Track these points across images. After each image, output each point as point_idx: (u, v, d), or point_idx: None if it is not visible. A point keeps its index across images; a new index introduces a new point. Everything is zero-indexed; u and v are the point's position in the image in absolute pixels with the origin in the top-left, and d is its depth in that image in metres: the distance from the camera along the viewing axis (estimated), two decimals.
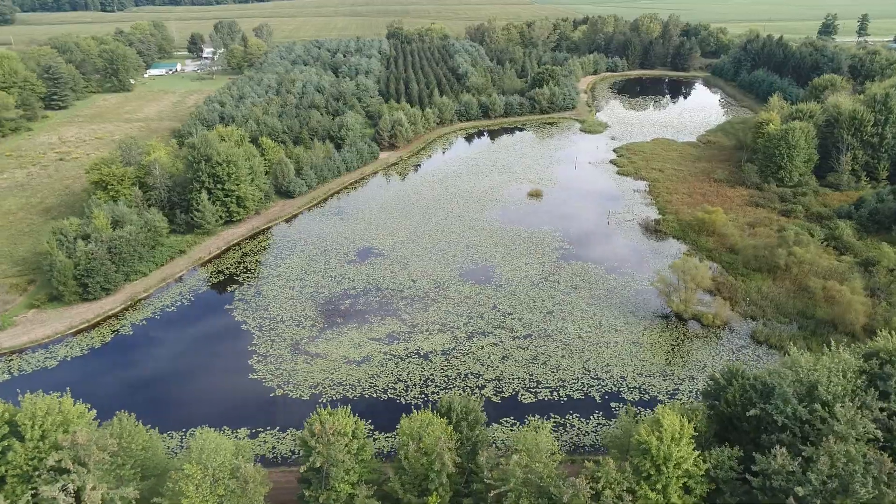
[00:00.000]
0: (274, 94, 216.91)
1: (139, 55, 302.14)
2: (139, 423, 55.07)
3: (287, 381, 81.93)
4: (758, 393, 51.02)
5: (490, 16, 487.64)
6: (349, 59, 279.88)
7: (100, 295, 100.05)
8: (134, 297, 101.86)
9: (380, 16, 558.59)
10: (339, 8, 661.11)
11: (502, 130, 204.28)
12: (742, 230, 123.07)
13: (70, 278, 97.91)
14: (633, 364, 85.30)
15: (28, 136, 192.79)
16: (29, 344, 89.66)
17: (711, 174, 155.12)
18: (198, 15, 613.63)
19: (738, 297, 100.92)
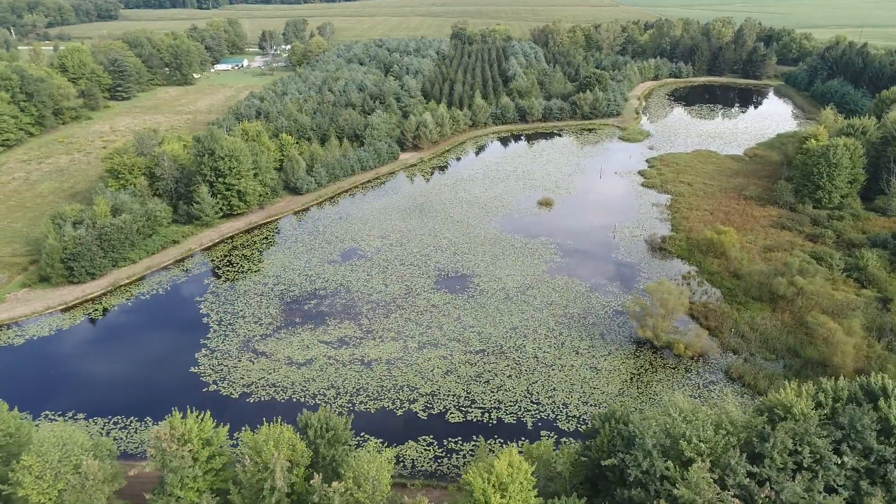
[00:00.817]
0: (316, 91, 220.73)
1: (208, 51, 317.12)
2: (12, 410, 56.05)
3: (223, 378, 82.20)
4: (623, 441, 45.56)
5: (570, 17, 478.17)
6: (402, 59, 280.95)
7: (84, 279, 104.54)
8: (116, 283, 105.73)
9: (454, 16, 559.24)
10: (417, 8, 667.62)
11: (536, 135, 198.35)
12: (756, 254, 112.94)
13: (57, 261, 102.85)
14: (581, 391, 79.62)
15: (86, 124, 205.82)
16: (7, 321, 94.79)
17: (744, 191, 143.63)
18: (282, 13, 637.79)
19: (724, 326, 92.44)
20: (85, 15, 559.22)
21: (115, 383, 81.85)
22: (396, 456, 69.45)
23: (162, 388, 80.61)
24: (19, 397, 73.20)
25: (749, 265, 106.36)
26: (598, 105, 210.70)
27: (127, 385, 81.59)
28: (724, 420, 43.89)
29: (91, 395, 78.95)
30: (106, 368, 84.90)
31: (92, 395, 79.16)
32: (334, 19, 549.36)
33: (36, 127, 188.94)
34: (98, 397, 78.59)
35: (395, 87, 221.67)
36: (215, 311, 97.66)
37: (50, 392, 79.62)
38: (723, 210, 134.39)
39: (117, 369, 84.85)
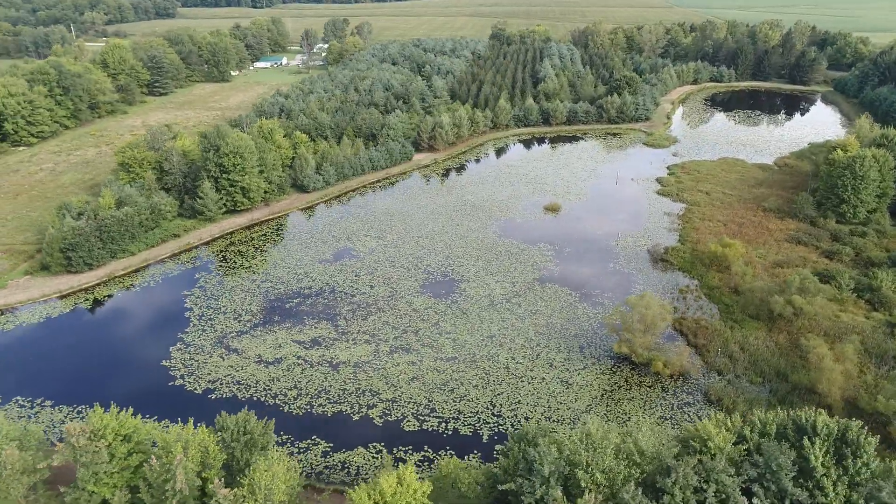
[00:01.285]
0: (342, 90, 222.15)
1: (248, 49, 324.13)
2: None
3: (191, 373, 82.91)
4: (525, 464, 43.11)
5: (619, 19, 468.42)
6: (435, 59, 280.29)
7: (82, 269, 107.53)
8: (112, 274, 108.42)
9: (501, 17, 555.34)
10: (465, 8, 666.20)
11: (558, 139, 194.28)
12: (763, 270, 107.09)
13: (56, 251, 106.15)
14: (546, 405, 76.78)
15: (120, 118, 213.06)
16: (3, 307, 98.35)
17: (764, 202, 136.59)
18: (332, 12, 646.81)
19: (712, 345, 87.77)
20: (144, 13, 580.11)
21: (87, 372, 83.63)
22: (343, 462, 68.48)
23: (130, 379, 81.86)
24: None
25: (750, 281, 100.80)
26: (625, 109, 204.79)
27: (98, 375, 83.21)
28: (631, 449, 40.93)
29: (62, 384, 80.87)
30: (82, 358, 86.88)
31: (63, 383, 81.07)
32: (381, 19, 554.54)
33: (71, 120, 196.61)
34: (68, 386, 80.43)
35: (422, 88, 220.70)
36: (198, 306, 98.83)
37: (24, 379, 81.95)
38: (737, 221, 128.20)
39: (93, 359, 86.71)
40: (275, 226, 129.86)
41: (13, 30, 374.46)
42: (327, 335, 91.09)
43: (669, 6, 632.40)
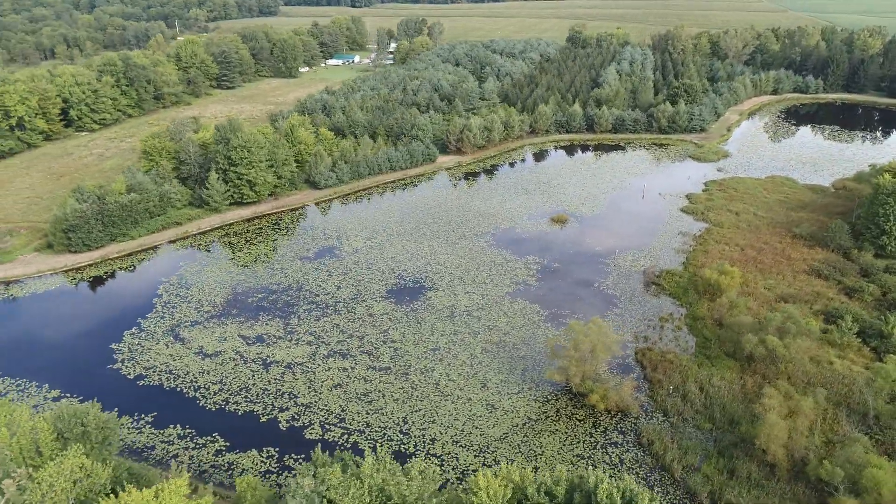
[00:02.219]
0: (390, 89, 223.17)
1: (324, 46, 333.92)
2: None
3: (132, 358, 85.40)
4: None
5: (723, 23, 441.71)
6: (498, 61, 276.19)
7: (81, 249, 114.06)
8: (106, 256, 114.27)
9: (596, 19, 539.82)
10: (561, 10, 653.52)
11: (598, 147, 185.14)
12: (764, 303, 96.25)
13: (59, 230, 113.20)
14: (460, 428, 72.49)
15: (182, 109, 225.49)
16: (5, 279, 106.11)
17: (798, 226, 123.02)
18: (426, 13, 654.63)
19: (668, 381, 79.65)
20: (247, 11, 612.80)
21: (39, 348, 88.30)
22: (230, 463, 67.82)
23: (74, 359, 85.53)
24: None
25: (739, 314, 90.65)
26: (677, 119, 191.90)
27: (49, 351, 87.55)
28: (392, 493, 37.02)
29: (11, 357, 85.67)
30: (41, 333, 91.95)
31: (13, 356, 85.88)
32: (474, 20, 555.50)
33: (135, 109, 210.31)
34: (16, 359, 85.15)
35: (471, 89, 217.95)
36: (168, 293, 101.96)
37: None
38: (756, 247, 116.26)
39: (50, 335, 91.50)
40: (274, 220, 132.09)
41: (123, 24, 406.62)
42: (274, 333, 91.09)
43: (784, 9, 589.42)
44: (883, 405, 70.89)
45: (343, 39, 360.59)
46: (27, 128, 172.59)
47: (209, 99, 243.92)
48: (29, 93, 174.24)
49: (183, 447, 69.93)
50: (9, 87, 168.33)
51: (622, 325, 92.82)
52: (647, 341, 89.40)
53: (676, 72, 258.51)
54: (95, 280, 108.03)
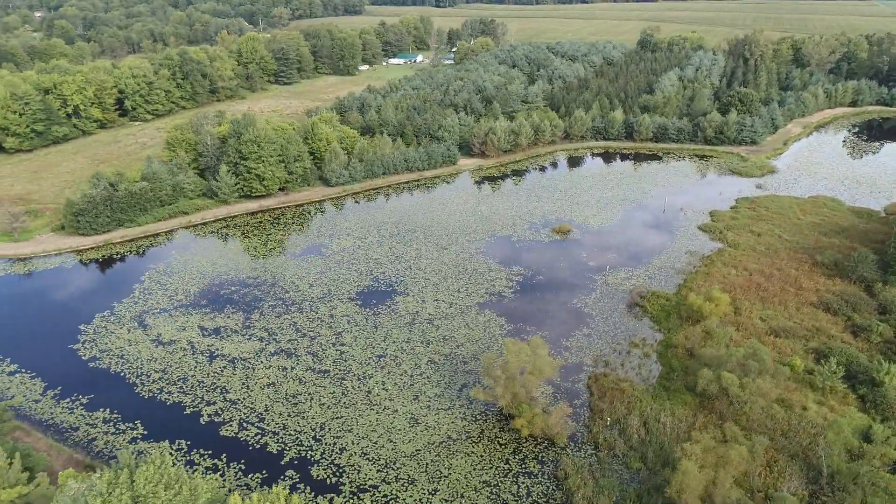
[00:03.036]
0: (433, 89, 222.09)
1: (388, 45, 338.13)
2: None
3: (92, 340, 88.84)
4: None
5: (826, 27, 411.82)
6: (554, 63, 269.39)
7: (89, 232, 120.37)
8: (108, 241, 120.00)
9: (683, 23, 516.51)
10: (645, 12, 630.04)
11: (634, 156, 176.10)
12: (751, 335, 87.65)
13: (70, 214, 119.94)
14: (374, 441, 70.21)
15: (235, 102, 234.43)
16: (20, 255, 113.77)
17: (822, 253, 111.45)
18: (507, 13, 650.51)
19: (611, 412, 73.86)
20: (332, 10, 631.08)
21: (14, 323, 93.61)
22: (140, 452, 68.84)
23: (41, 337, 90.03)
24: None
25: (714, 345, 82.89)
26: (725, 129, 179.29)
27: (22, 327, 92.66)
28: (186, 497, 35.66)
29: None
30: (21, 309, 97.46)
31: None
32: (554, 21, 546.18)
33: (189, 101, 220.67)
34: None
35: (518, 91, 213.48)
36: (151, 280, 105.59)
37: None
38: (767, 272, 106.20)
39: (29, 312, 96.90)
40: (277, 215, 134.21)
41: (208, 20, 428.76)
42: (232, 326, 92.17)
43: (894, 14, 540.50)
44: (840, 463, 62.33)
45: (410, 39, 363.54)
46: (83, 116, 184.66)
47: (264, 94, 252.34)
48: (87, 83, 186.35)
49: (103, 431, 71.83)
50: (67, 78, 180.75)
51: (586, 347, 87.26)
52: (607, 366, 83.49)
53: (745, 79, 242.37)
54: (92, 262, 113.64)
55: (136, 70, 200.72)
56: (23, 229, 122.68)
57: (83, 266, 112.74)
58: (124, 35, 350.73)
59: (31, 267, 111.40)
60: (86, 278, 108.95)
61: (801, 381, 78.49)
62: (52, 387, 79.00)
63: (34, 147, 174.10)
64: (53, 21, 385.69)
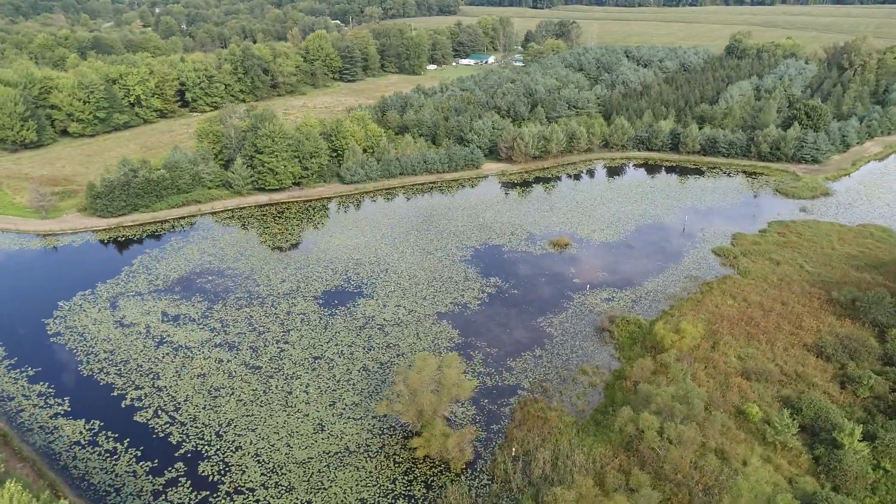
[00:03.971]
0: (483, 91, 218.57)
1: (460, 46, 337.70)
2: None
3: (64, 317, 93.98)
4: None
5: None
6: (620, 68, 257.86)
7: (106, 215, 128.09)
8: (120, 224, 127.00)
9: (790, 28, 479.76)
10: (757, 16, 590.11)
11: (674, 169, 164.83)
12: (715, 375, 79.17)
13: (90, 196, 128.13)
14: (273, 443, 69.36)
15: (295, 98, 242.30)
16: (47, 231, 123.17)
17: (841, 290, 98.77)
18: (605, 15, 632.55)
19: (522, 442, 68.87)
20: (426, 10, 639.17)
21: (1, 297, 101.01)
22: (55, 428, 71.79)
23: (19, 310, 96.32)
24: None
25: (657, 382, 75.37)
26: (782, 145, 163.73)
27: (8, 301, 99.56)
28: None
29: None
30: (11, 282, 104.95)
31: None
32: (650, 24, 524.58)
33: (248, 95, 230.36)
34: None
35: (571, 96, 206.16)
36: (140, 264, 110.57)
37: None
38: (769, 306, 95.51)
39: (17, 284, 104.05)
40: (283, 209, 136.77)
41: (299, 18, 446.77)
42: (192, 315, 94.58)
43: None
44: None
45: (487, 40, 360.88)
46: (143, 105, 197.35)
47: (325, 90, 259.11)
48: (150, 75, 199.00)
49: (33, 404, 75.68)
50: (132, 69, 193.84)
51: (531, 369, 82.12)
52: (544, 392, 78.06)
53: (831, 91, 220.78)
54: (98, 243, 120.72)
55: (198, 64, 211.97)
56: (53, 208, 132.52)
57: (90, 245, 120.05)
58: (217, 31, 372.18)
59: (46, 243, 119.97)
60: (85, 257, 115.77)
61: (753, 431, 69.75)
62: (10, 356, 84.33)
63: (97, 133, 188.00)
64: (160, 17, 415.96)
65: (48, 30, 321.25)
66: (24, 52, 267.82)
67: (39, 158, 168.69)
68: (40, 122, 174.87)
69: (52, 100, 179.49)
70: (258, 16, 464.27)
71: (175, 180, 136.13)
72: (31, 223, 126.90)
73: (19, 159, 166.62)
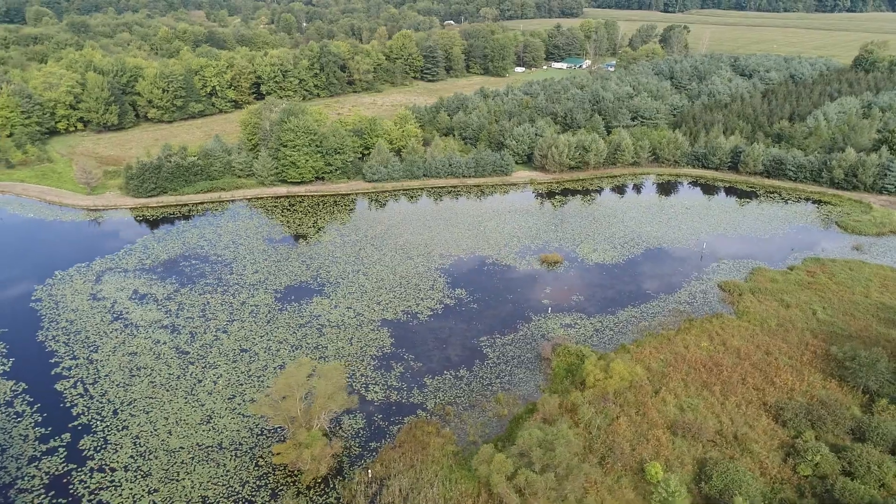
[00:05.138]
0: (546, 96, 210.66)
1: (556, 49, 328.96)
2: None
3: (52, 285, 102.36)
4: None
5: None
6: (709, 80, 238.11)
7: (137, 195, 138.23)
8: (146, 205, 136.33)
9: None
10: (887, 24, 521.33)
11: (723, 190, 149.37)
12: (637, 425, 70.72)
13: (126, 177, 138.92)
14: (149, 429, 71.04)
15: (370, 95, 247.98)
16: (79, 205, 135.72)
17: (842, 346, 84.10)
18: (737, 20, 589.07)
19: (386, 467, 65.36)
20: (546, 11, 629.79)
21: (11, 258, 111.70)
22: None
23: (20, 275, 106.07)
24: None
25: (579, 421, 68.25)
26: (860, 172, 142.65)
27: (14, 262, 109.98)
28: None
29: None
30: (27, 248, 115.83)
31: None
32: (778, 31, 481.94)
33: (323, 90, 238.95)
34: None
35: (641, 105, 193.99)
36: (142, 244, 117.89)
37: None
38: (746, 354, 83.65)
39: (29, 251, 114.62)
40: (296, 202, 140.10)
41: (412, 17, 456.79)
42: (159, 295, 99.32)
43: None
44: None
45: (588, 43, 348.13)
46: (219, 96, 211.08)
47: (402, 88, 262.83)
48: (229, 67, 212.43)
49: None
50: (211, 62, 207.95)
51: (445, 389, 77.84)
52: (443, 417, 73.53)
53: None
54: (121, 220, 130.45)
55: (275, 59, 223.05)
56: (102, 185, 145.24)
57: (117, 222, 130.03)
58: (327, 29, 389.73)
59: (84, 217, 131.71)
60: (100, 232, 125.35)
61: (643, 493, 61.23)
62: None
63: (174, 119, 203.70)
64: (281, 14, 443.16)
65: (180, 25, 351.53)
66: (147, 43, 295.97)
67: (116, 140, 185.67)
68: (123, 107, 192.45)
69: (138, 87, 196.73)
70: (374, 14, 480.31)
71: (206, 167, 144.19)
72: (77, 198, 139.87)
73: (99, 140, 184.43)
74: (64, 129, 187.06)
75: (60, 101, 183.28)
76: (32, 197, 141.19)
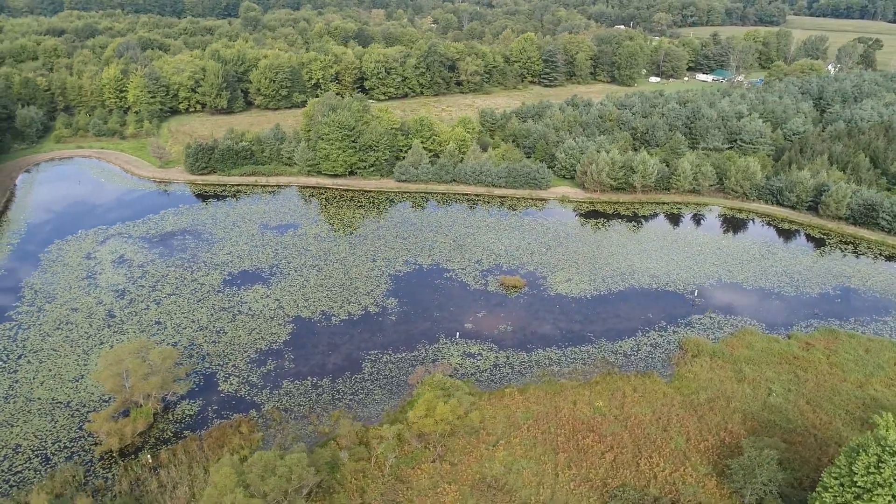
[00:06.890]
0: (642, 108, 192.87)
1: (705, 59, 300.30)
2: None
3: (68, 241, 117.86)
4: None
5: None
6: (861, 103, 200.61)
7: (193, 171, 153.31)
8: (194, 181, 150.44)
9: None
10: None
11: (783, 233, 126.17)
12: (454, 480, 64.14)
13: (184, 155, 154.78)
14: (24, 387, 79.43)
15: (473, 96, 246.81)
16: (146, 176, 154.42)
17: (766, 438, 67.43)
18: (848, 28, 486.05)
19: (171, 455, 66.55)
20: (738, 18, 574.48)
21: (50, 219, 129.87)
22: None
23: (53, 231, 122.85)
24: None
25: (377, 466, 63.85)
26: None
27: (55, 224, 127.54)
28: None
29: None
30: (79, 211, 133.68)
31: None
32: None
33: (427, 89, 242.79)
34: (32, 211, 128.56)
35: (747, 127, 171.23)
36: (163, 216, 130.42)
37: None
38: (632, 426, 71.03)
39: (80, 214, 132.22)
40: (317, 193, 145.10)
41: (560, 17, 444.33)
42: (138, 262, 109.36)
43: None
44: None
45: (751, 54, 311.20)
46: (322, 88, 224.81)
47: (512, 92, 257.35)
48: (335, 62, 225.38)
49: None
50: (319, 57, 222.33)
51: (296, 395, 76.92)
52: (270, 419, 72.63)
53: None
54: (171, 193, 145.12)
55: (380, 56, 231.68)
56: (170, 160, 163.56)
57: (166, 194, 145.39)
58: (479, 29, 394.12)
59: (151, 187, 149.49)
60: (145, 202, 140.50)
61: None
62: (8, 259, 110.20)
63: (279, 107, 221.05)
64: (443, 15, 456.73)
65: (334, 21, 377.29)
66: (302, 37, 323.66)
67: (223, 122, 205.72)
68: (234, 93, 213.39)
69: (251, 77, 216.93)
70: (537, 17, 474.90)
71: (257, 153, 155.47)
72: (149, 169, 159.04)
73: (207, 121, 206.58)
74: (184, 109, 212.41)
75: (183, 84, 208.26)
76: (116, 164, 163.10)
